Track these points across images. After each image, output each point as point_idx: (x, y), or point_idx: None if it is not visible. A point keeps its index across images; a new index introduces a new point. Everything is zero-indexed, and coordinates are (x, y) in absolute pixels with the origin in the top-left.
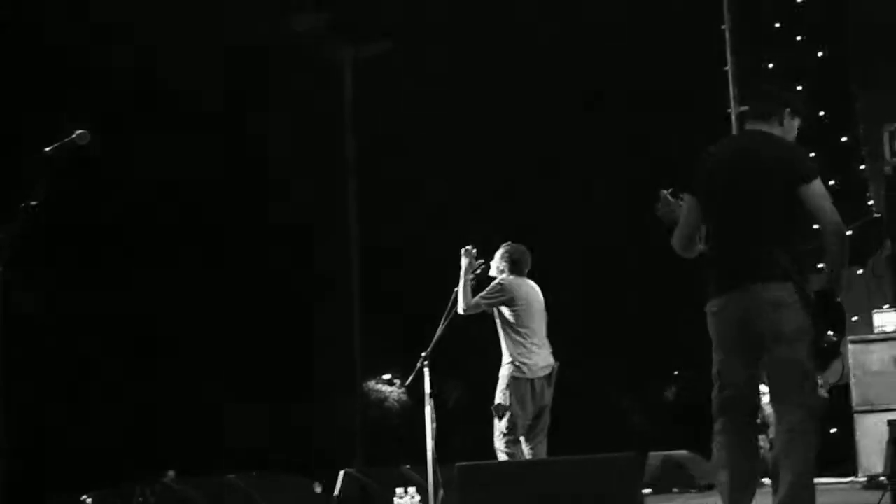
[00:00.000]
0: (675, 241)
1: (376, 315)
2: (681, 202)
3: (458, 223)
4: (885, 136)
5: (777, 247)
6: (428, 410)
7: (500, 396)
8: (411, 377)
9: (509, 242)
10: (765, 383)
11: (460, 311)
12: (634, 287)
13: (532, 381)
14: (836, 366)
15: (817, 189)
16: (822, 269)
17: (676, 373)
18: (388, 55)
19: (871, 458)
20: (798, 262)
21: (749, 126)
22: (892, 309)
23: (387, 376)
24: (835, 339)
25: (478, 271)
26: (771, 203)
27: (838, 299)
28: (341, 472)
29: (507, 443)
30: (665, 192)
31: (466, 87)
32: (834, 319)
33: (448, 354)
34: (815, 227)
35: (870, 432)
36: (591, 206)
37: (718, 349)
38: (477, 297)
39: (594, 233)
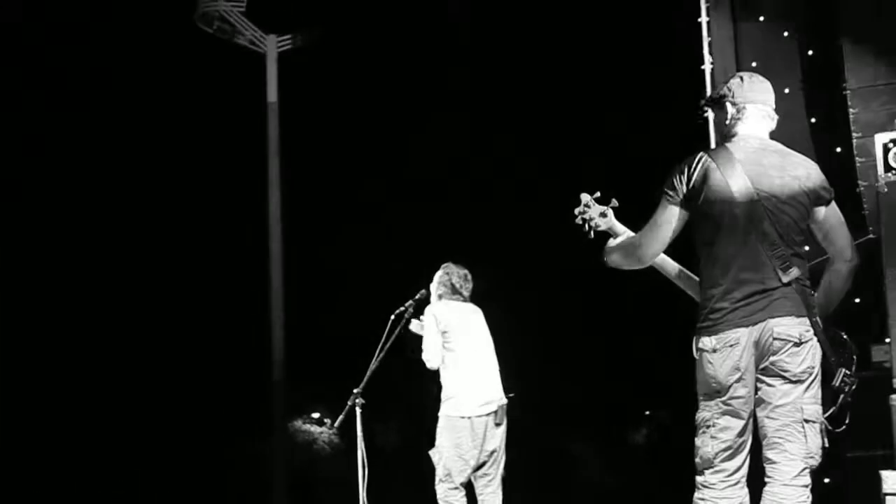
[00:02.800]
0: (636, 254)
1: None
2: (612, 208)
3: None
4: (879, 149)
5: (800, 278)
6: (360, 455)
7: (437, 438)
8: (341, 417)
9: (448, 263)
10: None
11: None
12: (595, 311)
13: (470, 419)
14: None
15: (837, 212)
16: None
17: (648, 413)
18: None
19: None
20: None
21: (745, 131)
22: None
23: (316, 415)
24: (851, 378)
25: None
26: (793, 225)
27: (843, 334)
28: None
29: (445, 490)
30: (589, 196)
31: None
32: (846, 356)
33: (385, 391)
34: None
35: (869, 483)
36: (546, 218)
37: (714, 391)
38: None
39: (550, 250)
